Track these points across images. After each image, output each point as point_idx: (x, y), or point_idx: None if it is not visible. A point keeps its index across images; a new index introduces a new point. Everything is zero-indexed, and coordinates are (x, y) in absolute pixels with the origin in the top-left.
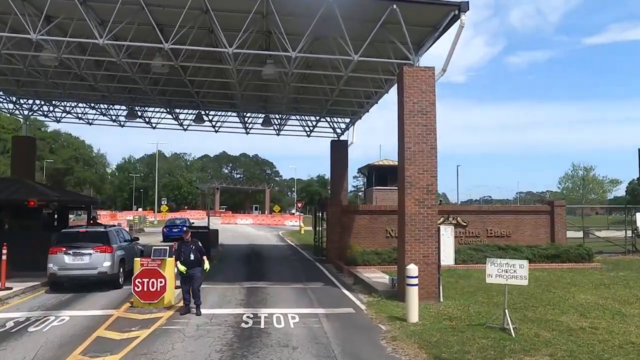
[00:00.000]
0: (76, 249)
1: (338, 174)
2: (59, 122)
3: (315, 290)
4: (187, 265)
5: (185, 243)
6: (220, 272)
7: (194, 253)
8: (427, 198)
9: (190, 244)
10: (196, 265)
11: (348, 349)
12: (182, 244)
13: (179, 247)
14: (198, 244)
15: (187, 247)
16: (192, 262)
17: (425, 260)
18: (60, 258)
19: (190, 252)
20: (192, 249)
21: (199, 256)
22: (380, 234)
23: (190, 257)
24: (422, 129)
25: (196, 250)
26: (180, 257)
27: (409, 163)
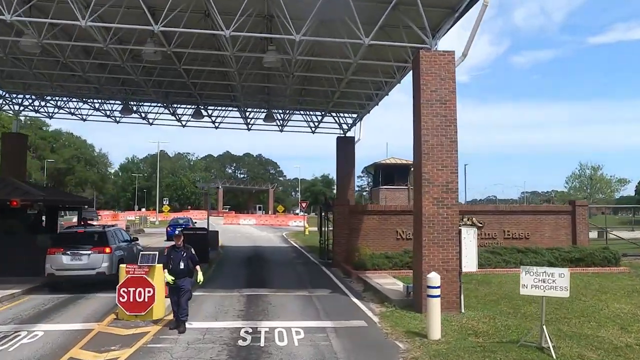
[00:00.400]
0: (74, 249)
1: (344, 172)
2: (51, 118)
3: (321, 299)
4: (176, 275)
5: (177, 249)
6: (218, 277)
7: (185, 261)
8: (446, 197)
9: (182, 251)
10: (186, 276)
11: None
12: (172, 250)
13: (168, 253)
14: (190, 251)
15: (178, 254)
16: (182, 272)
17: (444, 266)
18: (58, 258)
19: (181, 259)
20: (183, 256)
21: (191, 265)
22: (391, 236)
23: (180, 266)
24: (440, 120)
25: (187, 257)
26: (169, 265)
27: (426, 158)
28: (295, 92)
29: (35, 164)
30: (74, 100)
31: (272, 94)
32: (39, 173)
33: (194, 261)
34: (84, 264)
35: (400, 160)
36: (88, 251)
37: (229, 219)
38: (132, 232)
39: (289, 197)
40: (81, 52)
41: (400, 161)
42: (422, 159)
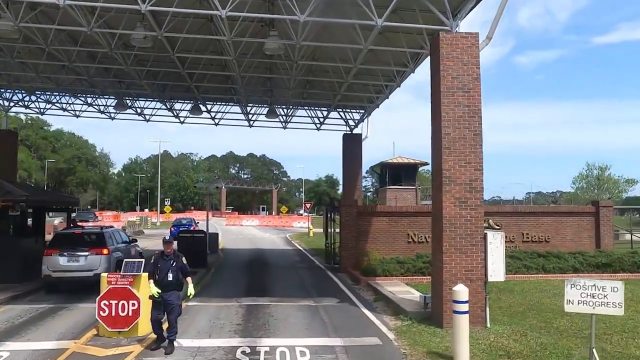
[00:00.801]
0: (71, 251)
1: (351, 171)
2: (42, 114)
3: (329, 310)
4: (163, 287)
5: (165, 257)
6: (216, 283)
7: (174, 272)
8: (470, 197)
9: (171, 259)
10: (174, 289)
11: None
12: (160, 258)
13: (155, 261)
14: (181, 260)
15: (167, 263)
16: (170, 284)
17: (468, 275)
18: (54, 260)
19: (169, 269)
20: (173, 265)
21: (181, 276)
22: (401, 239)
23: (168, 277)
24: (463, 110)
25: (177, 268)
26: (156, 275)
27: (447, 153)
28: (299, 84)
29: (36, 164)
30: (66, 95)
31: (275, 86)
32: (40, 173)
33: (184, 272)
34: (80, 266)
35: (408, 160)
36: (85, 252)
37: (231, 220)
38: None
39: (292, 197)
40: (67, 39)
41: (407, 160)
42: (443, 154)
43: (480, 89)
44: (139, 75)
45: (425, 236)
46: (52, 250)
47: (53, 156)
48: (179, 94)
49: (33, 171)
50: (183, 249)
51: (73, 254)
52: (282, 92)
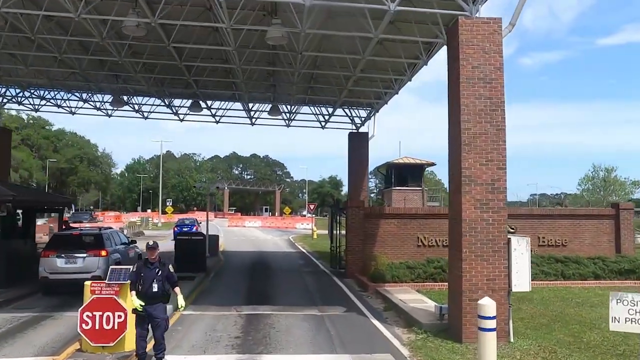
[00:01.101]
0: (69, 252)
1: (357, 171)
2: (37, 111)
3: (335, 321)
4: (147, 300)
5: (149, 265)
6: (215, 289)
7: (160, 282)
8: (492, 198)
9: (156, 268)
10: (160, 300)
11: None
12: (143, 266)
13: (137, 270)
14: (167, 268)
15: (151, 272)
16: (155, 296)
17: (490, 285)
18: (52, 261)
19: (154, 279)
20: (158, 274)
21: (167, 287)
22: (411, 242)
23: (153, 288)
24: (484, 103)
25: (163, 277)
26: (138, 286)
27: (466, 150)
28: (303, 78)
29: (37, 163)
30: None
31: (278, 80)
32: (41, 173)
33: (171, 281)
34: (78, 268)
35: (414, 160)
36: (83, 254)
37: (233, 221)
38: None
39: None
40: (56, 28)
41: (414, 161)
42: (462, 151)
43: (503, 79)
44: (134, 68)
45: (436, 239)
46: (50, 252)
47: (54, 156)
48: (178, 90)
49: (34, 171)
50: (181, 252)
51: (71, 255)
52: (285, 88)
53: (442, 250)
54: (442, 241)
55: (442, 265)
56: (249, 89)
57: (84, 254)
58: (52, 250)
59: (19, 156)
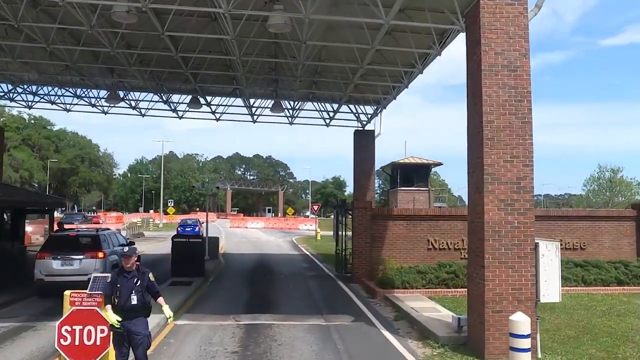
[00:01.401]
0: (65, 254)
1: (363, 170)
2: (30, 107)
3: (343, 332)
4: (125, 314)
5: (126, 274)
6: (213, 295)
7: (139, 293)
8: (518, 199)
9: (134, 277)
10: (141, 314)
11: None
12: (119, 276)
13: (112, 281)
14: (147, 277)
15: (128, 282)
16: (134, 309)
17: (515, 295)
18: (47, 263)
19: (132, 290)
20: (136, 285)
21: (147, 298)
22: (421, 245)
23: (132, 300)
24: (509, 93)
25: (142, 287)
26: (114, 299)
27: (489, 145)
28: (307, 71)
29: (38, 164)
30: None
31: (280, 74)
32: (42, 173)
33: (153, 292)
34: (75, 270)
35: (420, 160)
36: (80, 256)
37: (235, 222)
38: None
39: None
40: (42, 16)
41: (420, 161)
42: (484, 146)
43: (530, 67)
44: (128, 60)
45: (447, 242)
46: (45, 253)
47: (56, 156)
48: (176, 86)
49: (35, 171)
50: (177, 255)
51: (67, 257)
52: (288, 83)
53: (454, 254)
54: (454, 244)
55: (455, 270)
56: (250, 83)
57: (80, 255)
58: (47, 251)
59: (19, 156)
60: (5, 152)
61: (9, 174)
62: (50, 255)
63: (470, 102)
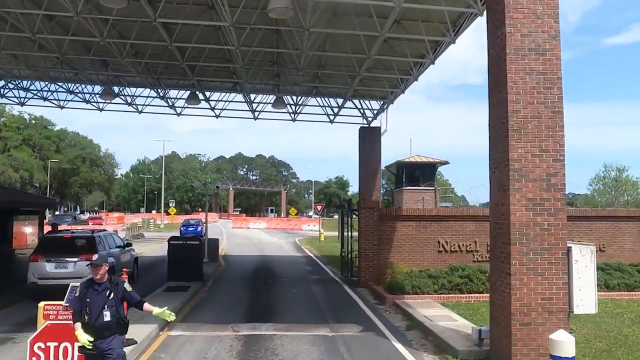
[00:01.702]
0: (59, 257)
1: (368, 168)
2: (22, 104)
3: (350, 344)
4: (96, 333)
5: (96, 286)
6: (211, 302)
7: (112, 307)
8: (548, 197)
9: (106, 289)
10: (115, 332)
11: None
12: (88, 289)
13: (81, 295)
14: (122, 287)
15: (99, 296)
16: (106, 326)
17: (545, 305)
18: (41, 266)
19: (104, 305)
20: (109, 298)
21: (122, 313)
22: (431, 248)
23: (104, 317)
24: (537, 80)
25: (116, 300)
26: (84, 316)
27: (515, 137)
28: (311, 63)
29: (38, 164)
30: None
31: (282, 65)
32: (42, 174)
33: (134, 302)
34: (69, 272)
35: (426, 159)
36: (74, 258)
37: (237, 222)
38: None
39: (302, 199)
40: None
41: (426, 159)
42: (509, 138)
43: (560, 50)
44: (120, 51)
45: (459, 244)
46: (38, 256)
47: (56, 156)
48: (173, 81)
49: (35, 172)
50: (174, 258)
51: (61, 259)
52: (290, 77)
53: (466, 256)
54: (466, 246)
55: (469, 274)
56: (250, 77)
57: (74, 258)
58: (41, 254)
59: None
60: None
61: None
62: (44, 257)
63: (492, 91)
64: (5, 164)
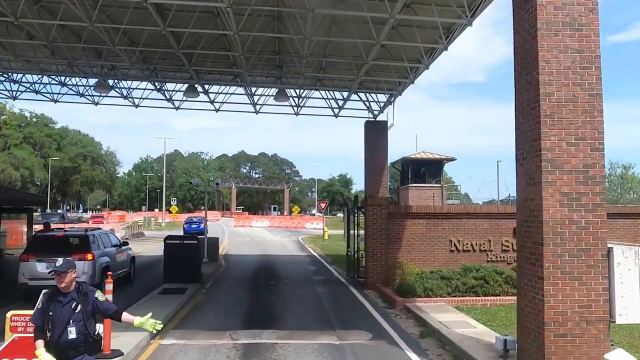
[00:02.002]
0: (50, 257)
1: (375, 164)
2: (15, 99)
3: (360, 354)
4: (60, 352)
5: (61, 297)
6: (208, 306)
7: (78, 322)
8: (585, 192)
9: (71, 301)
10: (84, 351)
11: None
12: (51, 301)
13: (43, 307)
14: (92, 297)
15: (64, 309)
16: (72, 345)
17: (583, 314)
18: (31, 266)
19: (69, 319)
20: (75, 311)
21: (92, 328)
22: (442, 247)
23: (68, 333)
24: (572, 59)
25: (85, 314)
26: (46, 332)
27: (548, 124)
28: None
29: (39, 162)
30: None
31: (284, 53)
32: (43, 172)
33: (109, 314)
34: None
35: (432, 155)
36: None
37: (240, 221)
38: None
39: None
40: None
41: (432, 156)
42: (541, 125)
43: (599, 26)
44: (112, 38)
45: (472, 243)
46: (29, 256)
47: (57, 154)
48: (170, 74)
49: (36, 170)
50: (170, 259)
51: (52, 259)
52: (293, 69)
53: (479, 256)
54: (479, 245)
55: (485, 276)
56: (251, 67)
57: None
58: (31, 253)
59: (20, 154)
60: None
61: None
62: (35, 257)
63: (520, 73)
64: (5, 162)
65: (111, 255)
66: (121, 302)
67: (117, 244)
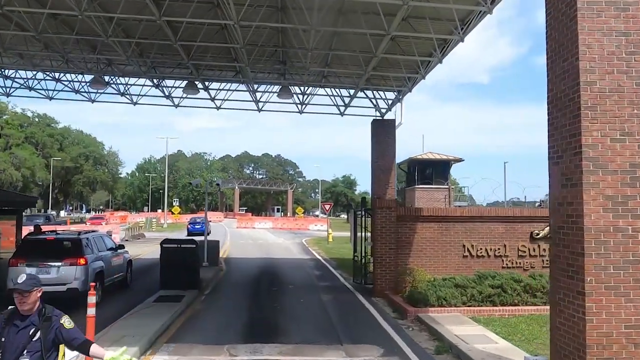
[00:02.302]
0: (41, 261)
1: (382, 164)
2: (8, 96)
3: None
4: None
5: (18, 321)
6: (206, 315)
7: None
8: (633, 195)
9: (30, 326)
10: None
11: None
12: (7, 322)
13: None
14: (57, 323)
15: (19, 335)
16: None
17: (631, 336)
18: (21, 271)
19: (24, 348)
20: (33, 340)
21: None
22: (455, 252)
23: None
24: (617, 43)
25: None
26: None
27: (589, 117)
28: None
29: (40, 162)
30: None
31: (288, 46)
32: (45, 172)
33: (75, 345)
34: (52, 279)
35: (440, 156)
36: (58, 263)
37: (242, 222)
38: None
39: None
40: None
41: (439, 156)
42: (582, 119)
43: None
44: (104, 28)
45: (486, 248)
46: (19, 260)
47: (59, 154)
48: (168, 70)
49: (37, 170)
50: (166, 263)
51: (43, 264)
52: (297, 64)
53: (494, 262)
54: (494, 250)
55: (502, 284)
56: (253, 63)
57: (58, 262)
58: (21, 257)
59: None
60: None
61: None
62: (24, 261)
63: (554, 60)
64: (6, 162)
65: (106, 259)
66: (115, 308)
67: (113, 247)
